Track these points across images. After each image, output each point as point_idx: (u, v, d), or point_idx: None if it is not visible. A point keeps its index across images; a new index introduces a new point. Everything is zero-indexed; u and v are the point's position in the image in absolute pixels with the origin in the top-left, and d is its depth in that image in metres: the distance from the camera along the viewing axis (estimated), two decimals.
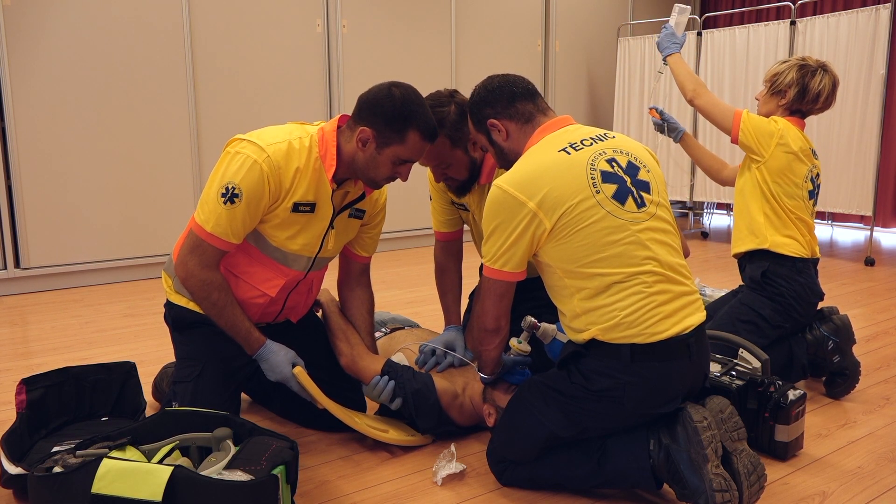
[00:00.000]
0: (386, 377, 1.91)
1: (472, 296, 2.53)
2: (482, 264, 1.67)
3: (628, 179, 1.60)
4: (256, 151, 1.69)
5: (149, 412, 2.03)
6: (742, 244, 2.32)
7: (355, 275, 2.09)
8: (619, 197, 1.56)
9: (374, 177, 1.79)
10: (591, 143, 1.62)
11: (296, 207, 1.75)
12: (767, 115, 2.33)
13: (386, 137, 1.73)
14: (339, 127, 1.81)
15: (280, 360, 1.78)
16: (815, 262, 2.32)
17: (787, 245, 2.25)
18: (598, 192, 1.55)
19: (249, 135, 1.74)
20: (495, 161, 1.81)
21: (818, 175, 2.33)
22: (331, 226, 1.85)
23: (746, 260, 2.33)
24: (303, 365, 1.81)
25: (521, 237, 1.56)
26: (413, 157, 1.78)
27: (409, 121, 1.71)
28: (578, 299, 1.55)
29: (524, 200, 1.54)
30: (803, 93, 2.27)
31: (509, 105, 1.70)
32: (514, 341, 1.78)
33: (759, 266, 2.26)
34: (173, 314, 1.88)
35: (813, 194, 2.32)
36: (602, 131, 1.69)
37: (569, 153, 1.59)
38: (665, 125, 2.61)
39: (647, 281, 1.52)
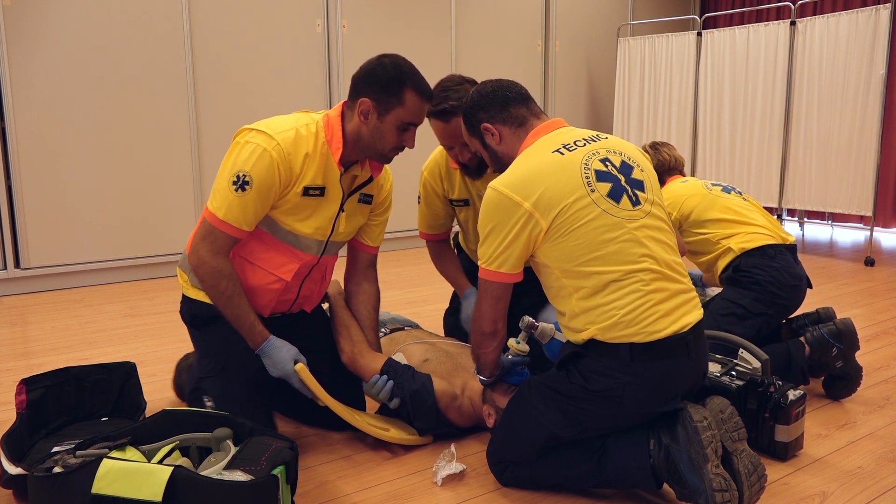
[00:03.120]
0: (385, 377, 1.92)
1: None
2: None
3: (622, 178, 1.61)
4: (266, 140, 1.72)
5: (154, 410, 2.03)
6: (719, 270, 2.45)
7: (362, 268, 2.11)
8: (614, 195, 1.57)
9: (382, 148, 1.81)
10: (585, 144, 1.64)
11: (306, 192, 1.78)
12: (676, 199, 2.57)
13: (385, 103, 1.76)
14: (342, 112, 1.85)
15: (283, 355, 1.79)
16: (789, 247, 2.36)
17: (752, 239, 2.35)
18: (592, 190, 1.56)
19: (257, 124, 1.76)
20: (490, 165, 1.83)
21: (715, 184, 2.57)
22: (341, 209, 1.87)
23: (723, 272, 2.45)
24: (305, 362, 1.82)
25: (517, 238, 1.56)
26: (415, 119, 1.80)
27: (403, 82, 1.75)
28: (576, 299, 1.56)
29: (519, 201, 1.55)
30: (661, 164, 2.67)
31: (502, 109, 1.72)
32: (512, 341, 1.78)
33: (731, 265, 2.36)
34: (191, 310, 1.89)
35: (728, 189, 2.53)
36: (595, 133, 1.71)
37: (562, 153, 1.60)
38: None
39: (644, 279, 1.52)
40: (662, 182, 2.66)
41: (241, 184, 1.69)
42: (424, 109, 1.82)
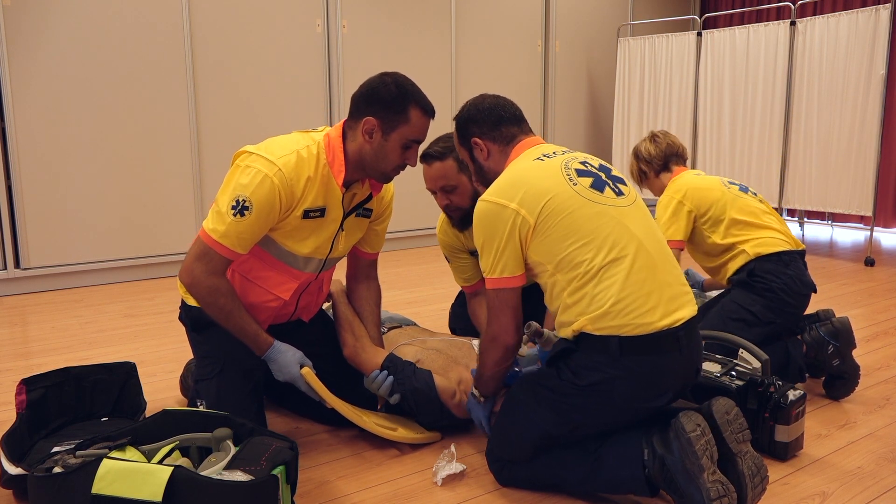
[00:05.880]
0: (385, 372, 1.93)
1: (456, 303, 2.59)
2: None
3: (603, 175, 1.68)
4: (267, 165, 1.70)
5: (154, 410, 2.03)
6: (729, 271, 2.39)
7: (363, 269, 2.14)
8: (597, 187, 1.63)
9: (385, 168, 1.81)
10: (563, 154, 1.71)
11: (306, 214, 1.78)
12: (661, 191, 2.57)
13: (390, 121, 1.76)
14: (342, 132, 1.84)
15: (288, 360, 1.79)
16: (801, 253, 2.34)
17: (767, 244, 2.30)
18: (574, 184, 1.61)
19: (258, 148, 1.75)
20: (474, 178, 1.87)
21: (732, 182, 2.49)
22: (340, 228, 1.87)
23: (734, 274, 2.39)
24: (311, 365, 1.82)
25: (509, 239, 1.59)
26: (419, 136, 1.81)
27: (408, 100, 1.76)
28: (568, 292, 1.57)
29: (505, 203, 1.59)
30: (670, 147, 2.62)
31: (494, 128, 1.77)
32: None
33: (745, 268, 2.31)
34: (191, 315, 1.89)
35: (744, 188, 2.47)
36: (570, 149, 1.78)
37: (543, 160, 1.66)
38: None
39: (632, 267, 1.54)
40: (668, 169, 2.59)
41: (241, 209, 1.68)
42: (427, 126, 1.83)
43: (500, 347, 1.68)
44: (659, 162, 2.59)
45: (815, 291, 2.33)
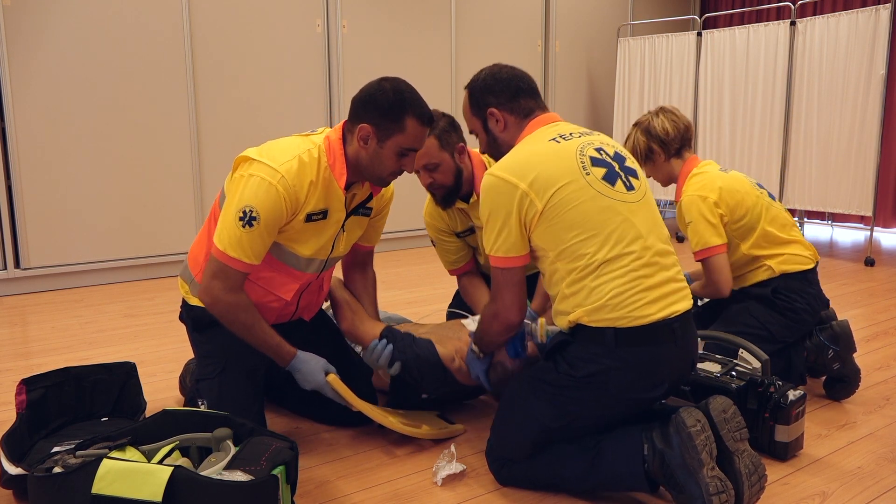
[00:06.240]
0: (384, 341, 1.94)
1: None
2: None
3: (616, 165, 1.66)
4: (270, 173, 1.69)
5: (154, 410, 2.03)
6: (747, 282, 2.27)
7: (360, 258, 2.15)
8: (609, 179, 1.61)
9: (381, 173, 1.81)
10: (580, 136, 1.69)
11: (308, 218, 1.78)
12: (669, 177, 2.34)
13: (385, 129, 1.75)
14: (342, 135, 1.83)
15: (313, 368, 1.80)
16: (816, 266, 2.31)
17: (793, 261, 2.22)
18: (587, 174, 1.59)
19: (259, 154, 1.74)
20: (485, 148, 1.85)
21: (759, 184, 2.31)
22: (342, 228, 1.88)
23: (754, 286, 2.27)
24: (335, 371, 1.83)
25: (514, 219, 1.59)
26: (415, 145, 1.79)
27: (404, 108, 1.74)
28: (567, 283, 1.58)
29: (516, 182, 1.58)
30: (688, 129, 2.33)
31: (512, 99, 1.74)
32: (542, 322, 1.81)
33: (768, 284, 2.22)
34: (193, 315, 1.89)
35: (771, 195, 2.30)
36: (588, 130, 1.76)
37: (558, 142, 1.64)
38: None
39: (633, 265, 1.54)
40: (680, 156, 2.32)
41: (249, 219, 1.67)
42: (424, 135, 1.81)
43: (501, 323, 1.69)
44: (676, 145, 2.30)
45: (828, 307, 2.30)
